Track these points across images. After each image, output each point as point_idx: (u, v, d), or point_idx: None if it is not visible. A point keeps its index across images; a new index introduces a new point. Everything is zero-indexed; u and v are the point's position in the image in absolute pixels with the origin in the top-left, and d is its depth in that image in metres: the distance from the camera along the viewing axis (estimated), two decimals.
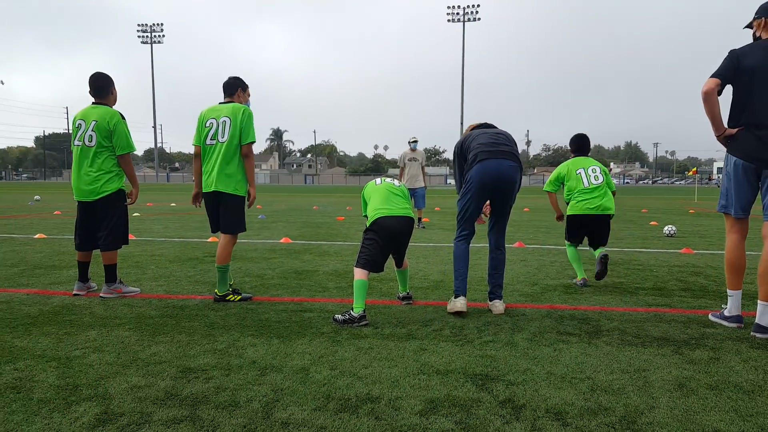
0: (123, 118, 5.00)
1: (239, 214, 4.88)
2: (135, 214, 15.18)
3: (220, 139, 4.77)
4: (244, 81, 5.07)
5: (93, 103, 5.06)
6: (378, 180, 4.81)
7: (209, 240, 9.32)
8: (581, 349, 3.59)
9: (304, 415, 2.60)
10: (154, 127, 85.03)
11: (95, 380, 3.00)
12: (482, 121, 4.96)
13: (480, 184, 4.42)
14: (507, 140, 4.58)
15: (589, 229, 5.77)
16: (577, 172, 5.82)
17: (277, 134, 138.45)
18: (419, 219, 12.00)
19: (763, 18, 4.02)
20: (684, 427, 2.50)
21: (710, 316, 4.38)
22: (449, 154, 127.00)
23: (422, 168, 12.06)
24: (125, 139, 4.96)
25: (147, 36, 78.31)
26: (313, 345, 3.65)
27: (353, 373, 3.15)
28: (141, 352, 3.47)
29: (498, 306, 4.57)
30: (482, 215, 4.82)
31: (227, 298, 4.87)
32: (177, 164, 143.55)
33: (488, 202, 4.67)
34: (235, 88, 4.99)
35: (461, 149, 4.70)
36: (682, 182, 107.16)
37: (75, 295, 5.07)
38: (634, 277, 6.22)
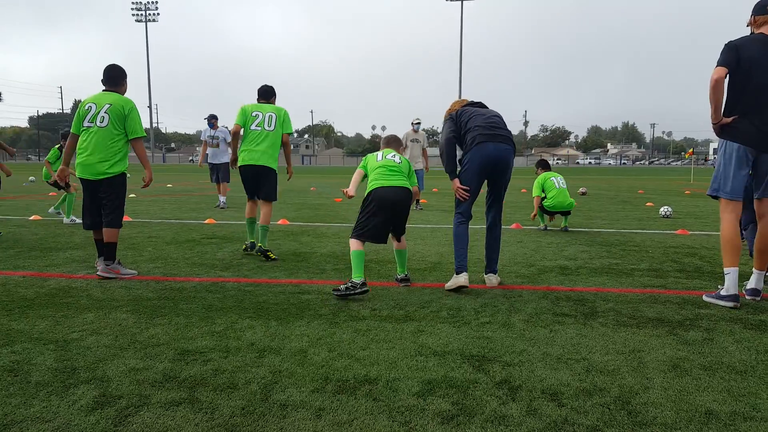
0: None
1: (276, 186, 6.25)
2: (131, 195, 15.13)
3: (267, 128, 6.07)
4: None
5: (104, 90, 5.31)
6: (379, 155, 4.88)
7: (206, 222, 9.31)
8: (577, 330, 3.62)
9: (303, 396, 2.62)
10: (150, 107, 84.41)
11: (93, 363, 3.01)
12: (474, 100, 5.07)
13: (480, 166, 4.64)
14: (502, 123, 4.79)
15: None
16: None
17: None
18: (417, 201, 12.02)
19: (753, 16, 4.33)
20: (678, 407, 2.52)
21: (704, 297, 4.42)
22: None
23: (424, 150, 12.08)
24: (138, 125, 5.24)
25: (141, 14, 77.37)
26: (311, 327, 3.66)
27: (351, 354, 3.17)
28: (139, 335, 3.48)
29: (492, 279, 4.89)
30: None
31: (267, 254, 5.94)
32: (173, 144, 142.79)
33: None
34: (271, 95, 6.44)
35: (457, 117, 4.83)
36: (678, 163, 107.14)
37: (99, 275, 5.12)
38: (629, 258, 6.24)
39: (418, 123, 12.09)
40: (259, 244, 6.04)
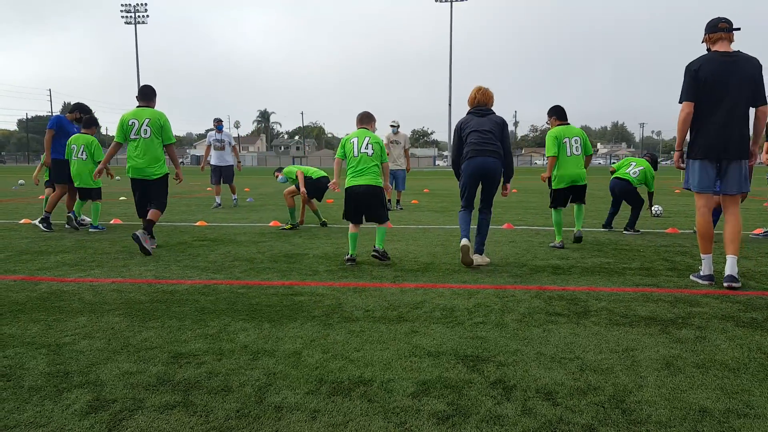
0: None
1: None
2: (121, 198, 15.05)
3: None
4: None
5: (138, 106, 6.70)
6: (355, 147, 5.92)
7: (197, 224, 9.27)
8: (570, 330, 3.63)
9: (297, 398, 2.62)
10: None
11: (86, 367, 2.99)
12: (478, 104, 6.03)
13: (472, 176, 5.85)
14: (493, 138, 5.80)
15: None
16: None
17: (264, 116, 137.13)
18: (397, 201, 12.24)
19: (707, 34, 4.78)
20: (672, 405, 2.54)
21: (691, 277, 5.10)
22: (437, 136, 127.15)
23: (405, 150, 12.21)
24: (170, 133, 6.78)
25: (131, 16, 76.96)
26: (304, 329, 3.66)
27: (345, 356, 3.16)
28: (132, 338, 3.46)
29: (477, 259, 5.70)
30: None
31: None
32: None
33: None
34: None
35: (460, 129, 5.99)
36: (668, 162, 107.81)
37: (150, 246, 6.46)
38: (621, 257, 6.28)
39: (394, 126, 12.27)
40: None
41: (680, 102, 4.77)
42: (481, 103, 5.98)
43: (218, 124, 12.71)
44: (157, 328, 3.67)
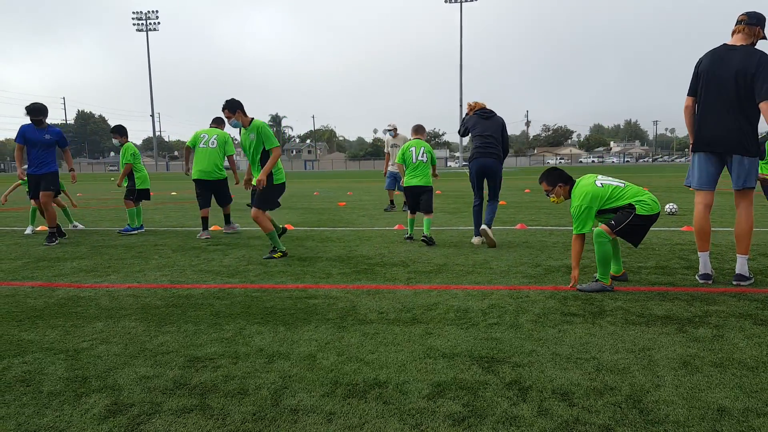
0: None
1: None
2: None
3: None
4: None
5: (211, 125, 8.97)
6: (414, 155, 7.62)
7: (212, 228, 9.33)
8: (586, 330, 3.61)
9: (313, 401, 2.63)
10: (152, 116, 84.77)
11: (104, 372, 3.02)
12: (482, 105, 7.39)
13: (476, 174, 7.26)
14: (494, 142, 7.14)
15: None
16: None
17: (276, 120, 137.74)
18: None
19: (735, 25, 4.67)
20: (690, 405, 2.52)
21: (696, 276, 4.94)
22: (449, 137, 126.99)
23: None
24: (231, 147, 8.85)
25: (142, 24, 77.73)
26: (319, 331, 3.67)
27: (360, 358, 3.17)
28: (148, 343, 3.49)
29: (487, 230, 6.92)
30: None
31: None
32: (176, 153, 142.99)
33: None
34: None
35: (466, 122, 7.45)
36: (683, 160, 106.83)
37: (201, 237, 8.14)
38: (636, 255, 6.23)
39: (391, 129, 12.47)
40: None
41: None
42: (481, 106, 7.38)
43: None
44: (174, 332, 3.70)
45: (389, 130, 12.53)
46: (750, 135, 4.54)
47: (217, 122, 8.95)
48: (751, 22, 4.54)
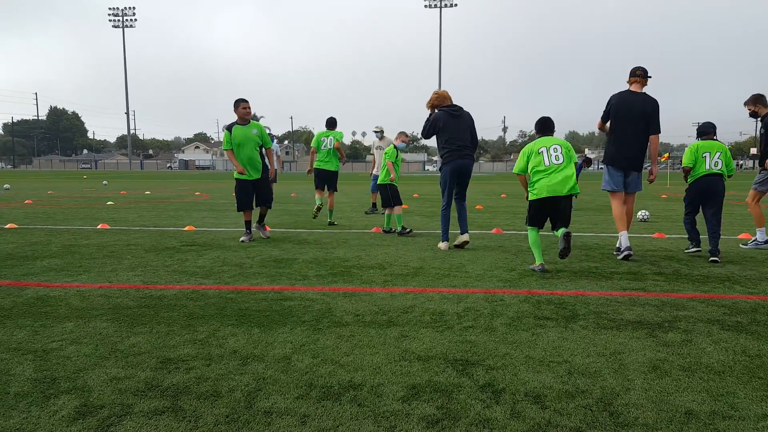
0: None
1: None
2: (108, 203, 14.95)
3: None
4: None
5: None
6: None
7: (185, 229, 9.23)
8: (558, 333, 3.66)
9: (287, 403, 2.61)
10: (127, 113, 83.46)
11: (73, 373, 2.97)
12: (447, 95, 7.37)
13: (451, 175, 7.23)
14: (467, 142, 7.20)
15: (550, 210, 5.71)
16: (539, 150, 5.73)
17: (255, 119, 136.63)
18: (374, 204, 12.42)
19: (629, 77, 6.60)
20: (658, 408, 2.57)
21: (614, 252, 6.70)
22: (427, 140, 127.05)
23: None
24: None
25: (118, 20, 76.60)
26: (294, 333, 3.65)
27: (335, 360, 3.17)
28: (119, 344, 3.44)
29: (465, 237, 7.19)
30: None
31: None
32: (150, 151, 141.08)
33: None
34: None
35: (435, 121, 7.23)
36: (662, 166, 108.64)
37: (242, 241, 7.76)
38: (608, 261, 6.33)
39: (377, 132, 12.55)
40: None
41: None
42: (447, 98, 7.31)
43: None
44: (146, 333, 3.65)
45: (377, 132, 12.58)
46: (642, 157, 6.63)
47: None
48: (645, 75, 6.51)
